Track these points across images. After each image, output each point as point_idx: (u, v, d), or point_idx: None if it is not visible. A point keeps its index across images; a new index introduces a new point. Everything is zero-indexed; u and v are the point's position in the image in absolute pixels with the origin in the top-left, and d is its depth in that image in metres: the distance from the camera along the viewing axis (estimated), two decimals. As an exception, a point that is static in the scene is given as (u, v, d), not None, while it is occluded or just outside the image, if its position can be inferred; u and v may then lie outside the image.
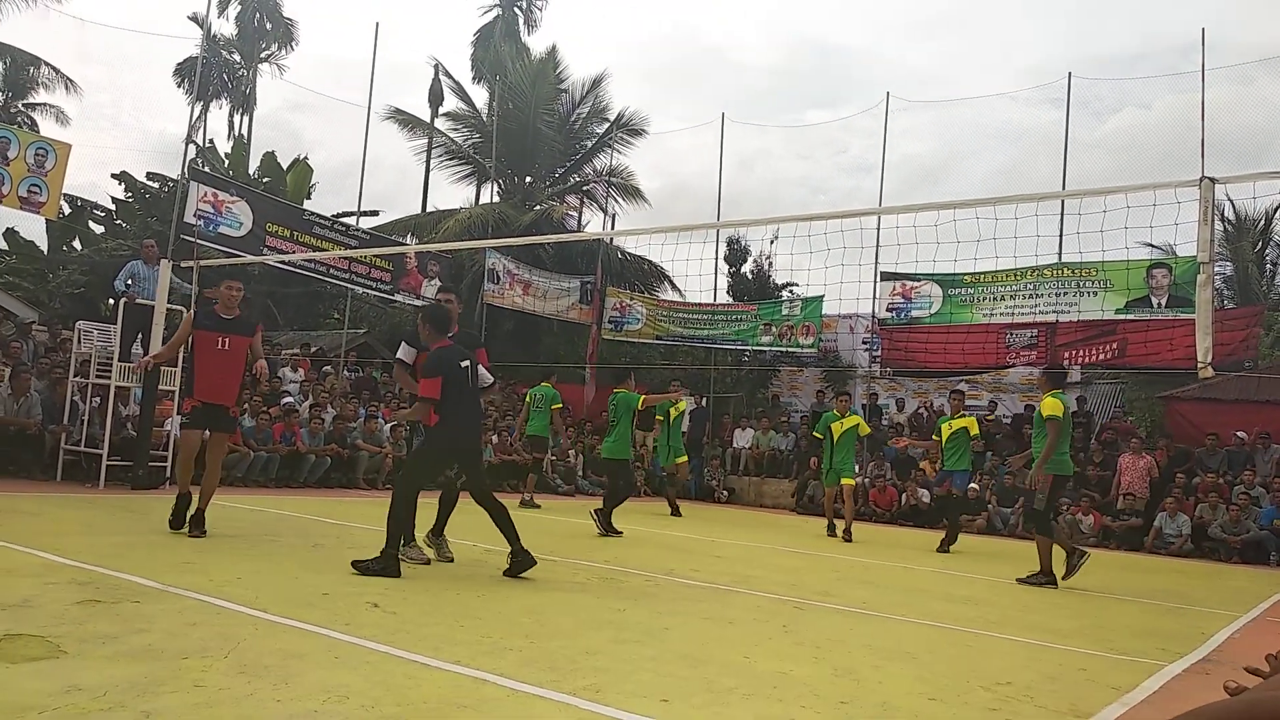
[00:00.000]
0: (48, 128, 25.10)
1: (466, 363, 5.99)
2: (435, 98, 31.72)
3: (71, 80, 25.49)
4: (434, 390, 5.76)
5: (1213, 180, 6.17)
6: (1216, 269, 17.98)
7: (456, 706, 3.08)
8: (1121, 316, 15.65)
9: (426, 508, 6.45)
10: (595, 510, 9.65)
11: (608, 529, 9.46)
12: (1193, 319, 6.45)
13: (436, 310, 6.32)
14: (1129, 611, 7.18)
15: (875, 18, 73.82)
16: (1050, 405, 8.14)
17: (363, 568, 5.66)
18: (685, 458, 14.04)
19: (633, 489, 10.29)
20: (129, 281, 11.66)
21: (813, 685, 3.78)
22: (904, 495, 15.83)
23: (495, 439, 15.83)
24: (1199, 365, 6.12)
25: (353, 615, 4.39)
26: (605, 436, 10.29)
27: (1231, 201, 22.35)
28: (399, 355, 6.71)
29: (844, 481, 11.48)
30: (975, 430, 11.16)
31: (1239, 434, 15.04)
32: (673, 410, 13.31)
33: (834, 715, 3.40)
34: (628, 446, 10.23)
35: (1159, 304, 15.31)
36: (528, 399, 13.21)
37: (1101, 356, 16.60)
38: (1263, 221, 23.92)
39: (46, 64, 25.08)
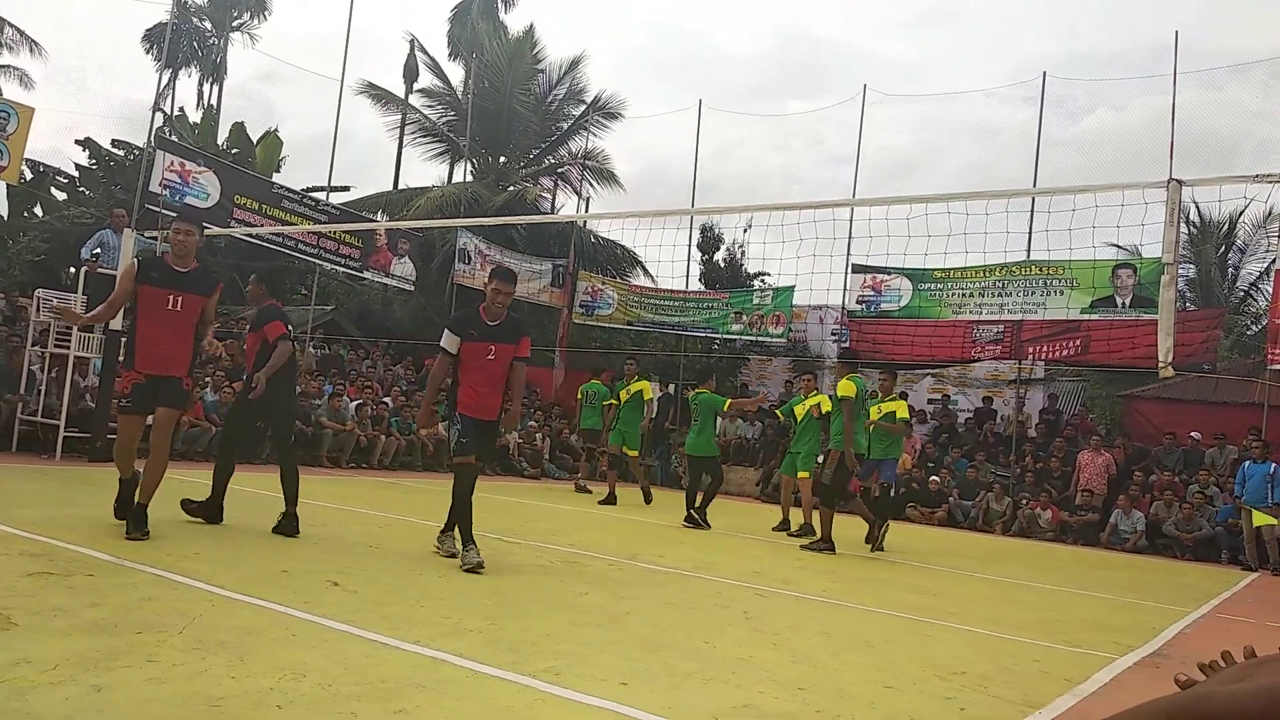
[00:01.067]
0: (11, 90, 24.55)
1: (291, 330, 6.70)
2: (410, 74, 31.35)
3: (36, 43, 24.98)
4: (280, 331, 6.37)
5: (1180, 182, 6.25)
6: (1180, 271, 18.30)
7: (415, 686, 3.07)
8: (1086, 316, 15.86)
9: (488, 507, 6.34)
10: (691, 511, 10.12)
11: (699, 522, 10.04)
12: (1155, 319, 6.55)
13: (272, 278, 7.34)
14: (1083, 605, 7.30)
15: (855, 11, 73.95)
16: (844, 387, 8.70)
17: (189, 507, 6.23)
18: (636, 451, 13.33)
19: (722, 481, 10.74)
20: (97, 250, 11.42)
21: (771, 671, 3.81)
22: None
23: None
24: (1160, 365, 6.21)
25: (312, 593, 4.36)
26: (689, 434, 10.67)
27: (1196, 205, 22.69)
28: (443, 344, 5.87)
29: (800, 475, 10.91)
30: (904, 413, 10.02)
31: (1193, 434, 15.33)
32: (624, 393, 12.88)
33: (791, 700, 3.42)
34: (713, 443, 10.58)
35: (1123, 304, 15.52)
36: (580, 395, 14.16)
37: (1065, 353, 16.83)
38: (1226, 225, 24.31)
39: (11, 25, 24.51)
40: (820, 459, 10.03)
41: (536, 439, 17.18)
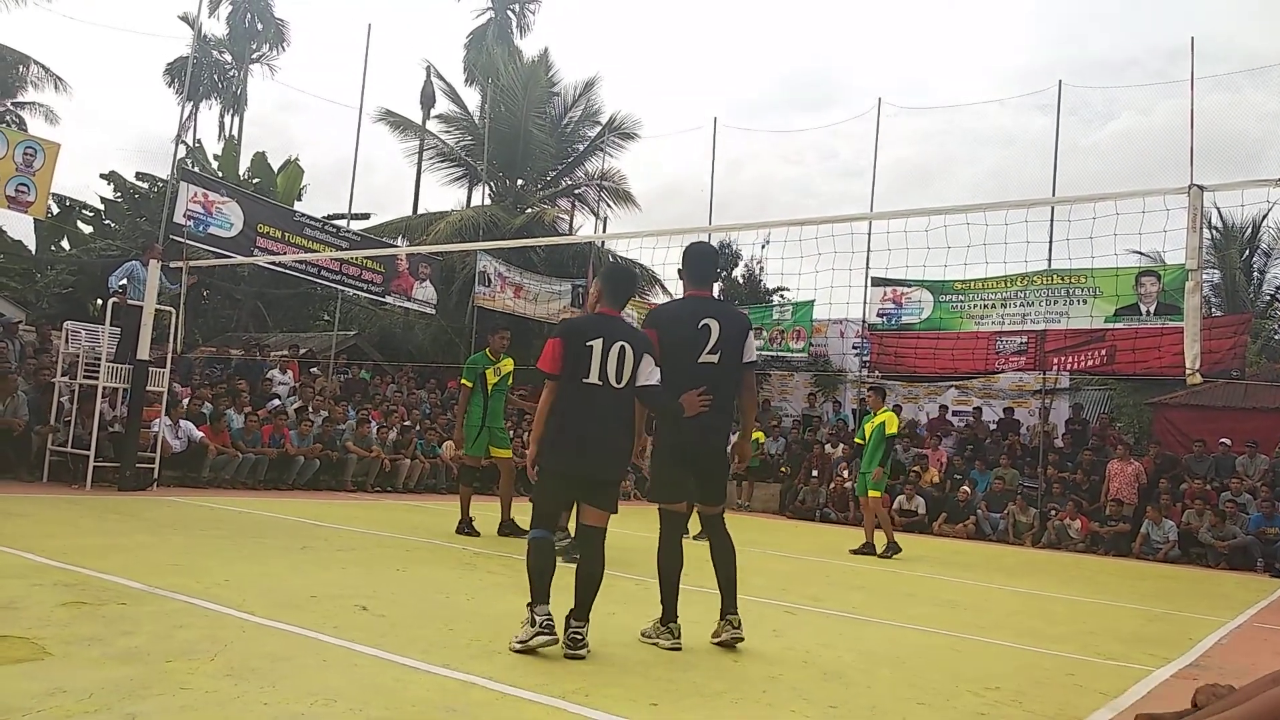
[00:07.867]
0: (37, 126, 24.97)
1: None
2: (426, 100, 31.69)
3: (61, 79, 25.39)
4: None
5: (1201, 188, 6.19)
6: (1204, 277, 18.11)
7: (445, 710, 3.07)
8: (1111, 325, 15.72)
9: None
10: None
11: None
12: (1181, 326, 6.49)
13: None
14: (1117, 616, 7.20)
15: (867, 23, 74.13)
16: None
17: None
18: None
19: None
20: (124, 281, 11.53)
21: (802, 689, 3.78)
22: (897, 500, 15.84)
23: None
24: (1188, 372, 6.13)
25: (341, 618, 4.37)
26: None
27: (1219, 209, 22.48)
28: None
29: (871, 494, 10.80)
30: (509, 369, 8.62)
31: (1223, 441, 15.13)
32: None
33: (823, 718, 3.39)
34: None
35: (1148, 311, 15.37)
36: None
37: (1091, 363, 16.68)
38: (1250, 229, 24.05)
39: (36, 62, 24.97)
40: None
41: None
